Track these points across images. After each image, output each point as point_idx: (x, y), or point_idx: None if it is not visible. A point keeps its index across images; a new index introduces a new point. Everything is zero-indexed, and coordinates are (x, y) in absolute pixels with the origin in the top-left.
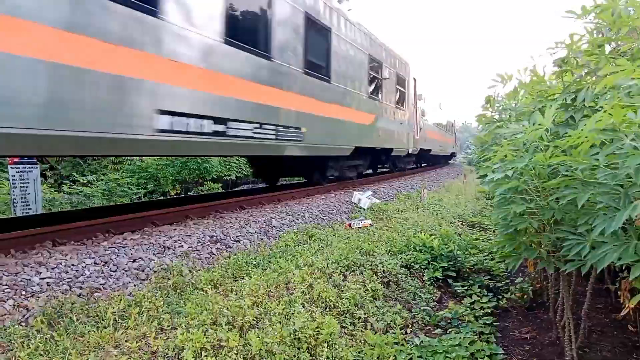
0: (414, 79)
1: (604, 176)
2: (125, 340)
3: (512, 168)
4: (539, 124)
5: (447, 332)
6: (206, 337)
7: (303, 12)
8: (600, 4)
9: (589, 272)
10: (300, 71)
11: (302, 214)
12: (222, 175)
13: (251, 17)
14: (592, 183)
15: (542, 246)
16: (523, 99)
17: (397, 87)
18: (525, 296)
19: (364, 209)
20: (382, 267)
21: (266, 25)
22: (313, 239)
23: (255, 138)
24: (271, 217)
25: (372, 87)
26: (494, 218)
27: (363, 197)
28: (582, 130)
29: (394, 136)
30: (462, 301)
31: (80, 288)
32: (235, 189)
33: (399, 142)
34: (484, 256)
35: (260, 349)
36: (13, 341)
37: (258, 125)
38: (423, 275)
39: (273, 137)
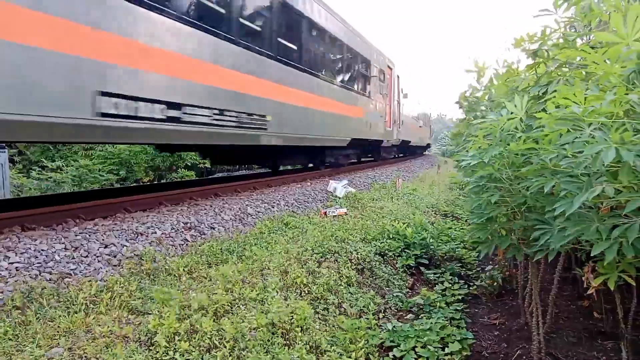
0: None
1: (567, 164)
2: (97, 325)
3: (488, 155)
4: (513, 114)
5: (419, 317)
6: (179, 323)
7: None
8: None
9: (557, 260)
10: None
11: (277, 202)
12: (197, 162)
13: None
14: (560, 171)
15: (513, 234)
16: (497, 90)
17: None
18: (495, 283)
19: (340, 198)
20: (357, 254)
21: None
22: (288, 226)
23: None
24: (246, 205)
25: None
26: (467, 206)
27: (339, 186)
28: (546, 115)
29: None
30: (434, 288)
31: (50, 273)
32: (211, 177)
33: None
34: (456, 245)
35: (235, 334)
36: None
37: None
38: (396, 263)
39: None
